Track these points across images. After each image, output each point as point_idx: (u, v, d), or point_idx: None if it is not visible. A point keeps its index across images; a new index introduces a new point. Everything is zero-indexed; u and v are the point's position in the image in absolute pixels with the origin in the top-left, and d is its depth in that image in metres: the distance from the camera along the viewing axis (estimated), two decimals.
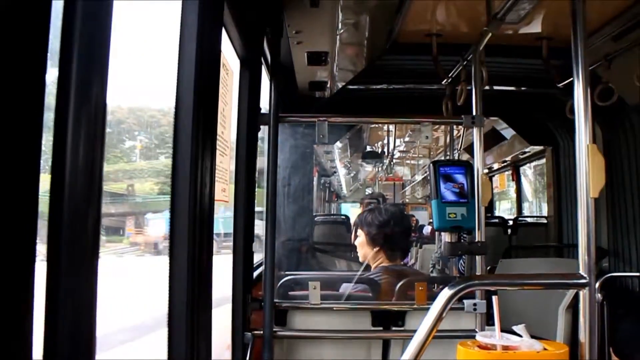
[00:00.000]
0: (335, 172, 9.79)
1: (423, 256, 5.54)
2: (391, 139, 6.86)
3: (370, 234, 2.56)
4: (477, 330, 2.12)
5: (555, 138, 4.20)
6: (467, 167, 2.14)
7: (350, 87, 3.18)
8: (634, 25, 2.29)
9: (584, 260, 1.45)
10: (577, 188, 1.45)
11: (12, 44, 0.59)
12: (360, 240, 2.61)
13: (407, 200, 13.60)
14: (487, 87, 2.30)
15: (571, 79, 1.52)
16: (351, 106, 3.41)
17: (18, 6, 0.59)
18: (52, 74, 0.68)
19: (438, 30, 2.51)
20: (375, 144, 7.67)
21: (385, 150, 7.62)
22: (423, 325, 1.41)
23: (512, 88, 3.39)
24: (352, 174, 11.46)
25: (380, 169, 9.78)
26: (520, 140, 4.81)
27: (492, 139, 5.19)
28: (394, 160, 8.65)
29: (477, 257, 2.16)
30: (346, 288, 2.43)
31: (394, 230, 2.55)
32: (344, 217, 6.24)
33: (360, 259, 2.64)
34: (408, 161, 9.40)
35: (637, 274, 3.09)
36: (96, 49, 0.77)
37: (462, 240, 2.17)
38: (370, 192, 13.28)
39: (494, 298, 1.46)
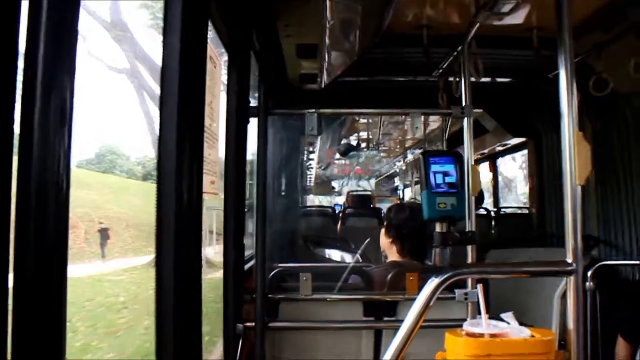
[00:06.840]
0: (310, 164, 9.64)
1: None
2: (370, 132, 6.79)
3: (387, 226, 2.67)
4: (468, 319, 2.13)
5: (538, 130, 4.20)
6: (457, 157, 2.15)
7: (341, 79, 3.17)
8: (621, 16, 2.29)
9: (571, 247, 1.45)
10: (563, 175, 1.45)
11: None
12: (382, 229, 2.71)
13: (374, 193, 13.47)
14: (473, 79, 2.31)
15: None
16: (342, 99, 3.41)
17: None
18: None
19: (428, 22, 2.50)
20: (350, 137, 7.57)
21: (363, 143, 7.57)
22: (411, 313, 1.41)
23: (496, 79, 3.40)
24: (322, 166, 11.31)
25: (356, 161, 9.72)
26: (501, 132, 4.79)
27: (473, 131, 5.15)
28: (372, 153, 8.64)
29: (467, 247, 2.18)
30: (354, 279, 2.46)
31: (408, 228, 2.61)
32: (330, 208, 6.17)
33: (381, 247, 2.73)
34: (382, 154, 9.40)
35: (630, 262, 3.11)
36: (64, 44, 0.76)
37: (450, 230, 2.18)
38: (341, 183, 13.24)
39: (479, 286, 1.46)
